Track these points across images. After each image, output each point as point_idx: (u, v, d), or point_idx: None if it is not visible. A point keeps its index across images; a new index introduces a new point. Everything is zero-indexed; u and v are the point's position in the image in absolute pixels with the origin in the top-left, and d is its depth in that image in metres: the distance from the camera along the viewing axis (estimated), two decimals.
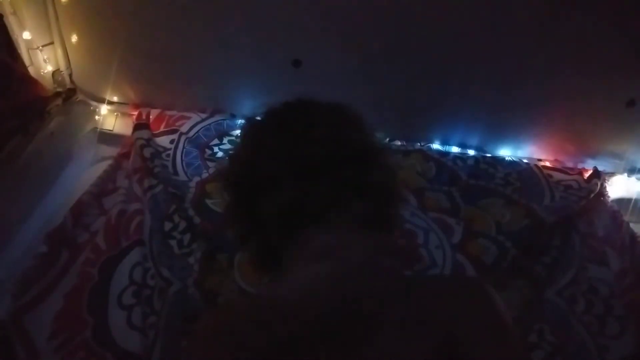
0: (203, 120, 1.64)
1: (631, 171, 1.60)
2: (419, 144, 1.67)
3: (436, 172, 1.58)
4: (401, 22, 1.33)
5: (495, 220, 1.45)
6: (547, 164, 1.66)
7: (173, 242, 1.37)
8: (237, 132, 1.62)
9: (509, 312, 0.62)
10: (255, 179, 0.68)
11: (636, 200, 1.55)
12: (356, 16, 1.33)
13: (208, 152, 1.58)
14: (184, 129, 1.61)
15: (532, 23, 1.28)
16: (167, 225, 1.39)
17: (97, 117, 1.67)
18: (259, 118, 0.77)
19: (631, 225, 1.50)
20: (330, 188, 0.63)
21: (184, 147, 1.57)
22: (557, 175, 1.61)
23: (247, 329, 0.56)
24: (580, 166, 1.65)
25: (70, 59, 1.59)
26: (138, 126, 1.57)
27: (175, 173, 1.51)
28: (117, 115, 1.69)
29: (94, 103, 1.67)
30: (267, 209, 0.65)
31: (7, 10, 1.36)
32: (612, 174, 1.61)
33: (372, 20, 1.33)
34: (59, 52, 1.55)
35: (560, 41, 1.31)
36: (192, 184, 1.48)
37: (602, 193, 1.54)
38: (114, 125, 1.68)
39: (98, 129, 1.66)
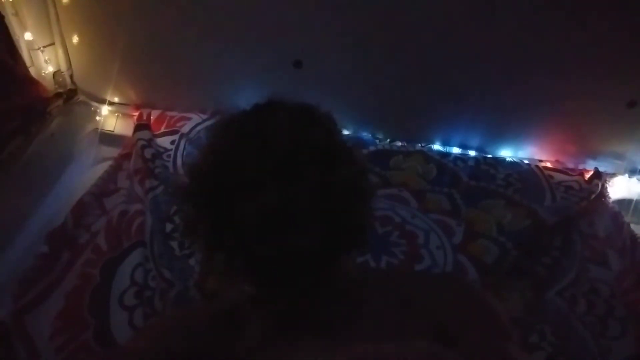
0: (204, 120, 1.64)
1: (632, 172, 1.60)
2: (419, 145, 1.67)
3: (437, 173, 1.58)
4: (402, 23, 1.33)
5: (496, 221, 1.45)
6: (548, 164, 1.66)
7: (174, 244, 1.37)
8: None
9: (497, 304, 0.64)
10: (232, 181, 0.65)
11: (637, 201, 1.54)
12: (357, 17, 1.33)
13: None
14: (184, 129, 1.62)
15: (533, 24, 1.28)
16: (168, 227, 1.39)
17: (98, 118, 1.67)
18: (223, 122, 0.73)
19: (632, 226, 1.50)
20: (316, 192, 0.62)
21: (184, 148, 1.57)
22: (558, 176, 1.61)
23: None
24: (581, 167, 1.65)
25: (71, 59, 1.59)
26: (139, 127, 1.57)
27: (176, 174, 1.51)
28: (118, 116, 1.69)
29: (94, 104, 1.67)
30: (247, 212, 0.62)
31: (9, 11, 1.36)
32: (613, 174, 1.60)
33: (373, 21, 1.33)
34: (60, 52, 1.56)
35: (561, 42, 1.31)
36: None
37: (603, 194, 1.54)
38: (114, 126, 1.68)
39: (99, 130, 1.66)
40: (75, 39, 1.51)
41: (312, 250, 0.61)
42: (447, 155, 1.64)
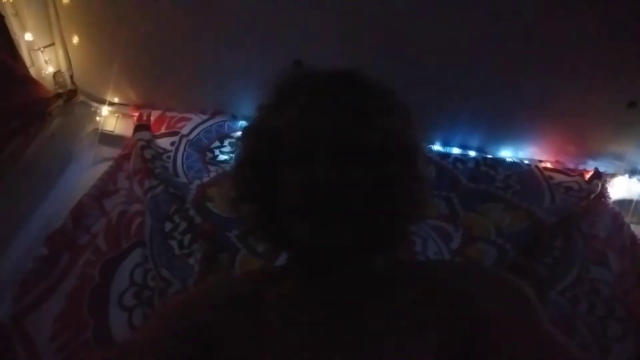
0: (204, 121, 1.64)
1: (632, 172, 1.60)
2: None
3: (436, 176, 1.57)
4: (402, 23, 1.33)
5: (494, 225, 1.45)
6: (548, 165, 1.65)
7: (173, 243, 1.37)
8: (239, 133, 1.61)
9: (531, 290, 0.62)
10: (288, 144, 0.59)
11: (637, 202, 1.54)
12: (357, 17, 1.33)
13: (209, 155, 1.57)
14: (184, 130, 1.61)
15: (533, 24, 1.28)
16: (168, 226, 1.39)
17: (98, 119, 1.67)
18: (306, 77, 0.66)
19: (632, 226, 1.50)
20: (370, 182, 0.57)
21: (184, 150, 1.57)
22: (558, 177, 1.60)
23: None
24: (581, 167, 1.64)
25: (71, 60, 1.59)
26: (139, 127, 1.57)
27: (176, 175, 1.51)
28: (118, 116, 1.69)
29: (95, 104, 1.67)
30: (290, 181, 0.58)
31: (9, 11, 1.36)
32: (613, 175, 1.60)
33: (373, 21, 1.33)
34: (60, 53, 1.56)
35: (561, 42, 1.31)
36: (193, 187, 1.48)
37: (603, 194, 1.53)
38: (114, 127, 1.68)
39: (99, 130, 1.66)
40: (75, 40, 1.51)
41: (346, 239, 0.57)
42: (447, 156, 1.64)
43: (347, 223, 0.57)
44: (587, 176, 1.60)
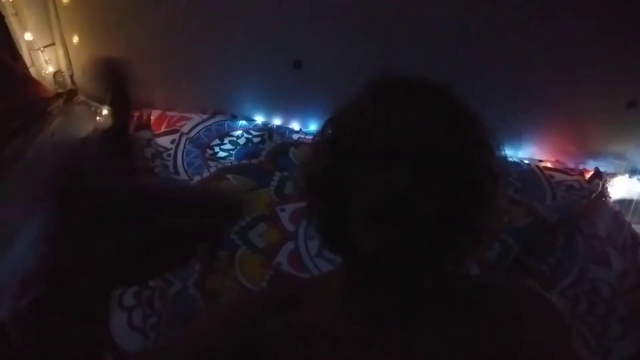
0: (204, 120, 1.64)
1: (632, 172, 1.60)
2: None
3: None
4: (403, 23, 1.33)
5: None
6: (549, 164, 1.65)
7: None
8: (239, 132, 1.61)
9: (567, 314, 0.61)
10: (375, 144, 0.57)
11: (637, 201, 1.54)
12: (358, 18, 1.33)
13: (209, 151, 1.57)
14: (184, 129, 1.62)
15: (533, 25, 1.28)
16: None
17: (98, 118, 1.67)
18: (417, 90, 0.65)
19: (632, 226, 1.49)
20: (447, 198, 0.57)
21: (184, 147, 1.58)
22: (559, 176, 1.60)
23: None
24: (581, 167, 1.64)
25: (71, 59, 1.59)
26: (139, 127, 1.57)
27: (176, 172, 1.52)
28: None
29: (95, 104, 1.67)
30: (366, 184, 0.56)
31: (9, 11, 1.36)
32: (613, 174, 1.60)
33: (374, 22, 1.33)
34: (60, 53, 1.56)
35: (562, 42, 1.31)
36: (193, 182, 1.48)
37: (603, 194, 1.54)
38: None
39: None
40: (75, 39, 1.52)
41: (412, 248, 0.56)
42: None
43: (413, 236, 0.56)
44: (588, 176, 1.60)
